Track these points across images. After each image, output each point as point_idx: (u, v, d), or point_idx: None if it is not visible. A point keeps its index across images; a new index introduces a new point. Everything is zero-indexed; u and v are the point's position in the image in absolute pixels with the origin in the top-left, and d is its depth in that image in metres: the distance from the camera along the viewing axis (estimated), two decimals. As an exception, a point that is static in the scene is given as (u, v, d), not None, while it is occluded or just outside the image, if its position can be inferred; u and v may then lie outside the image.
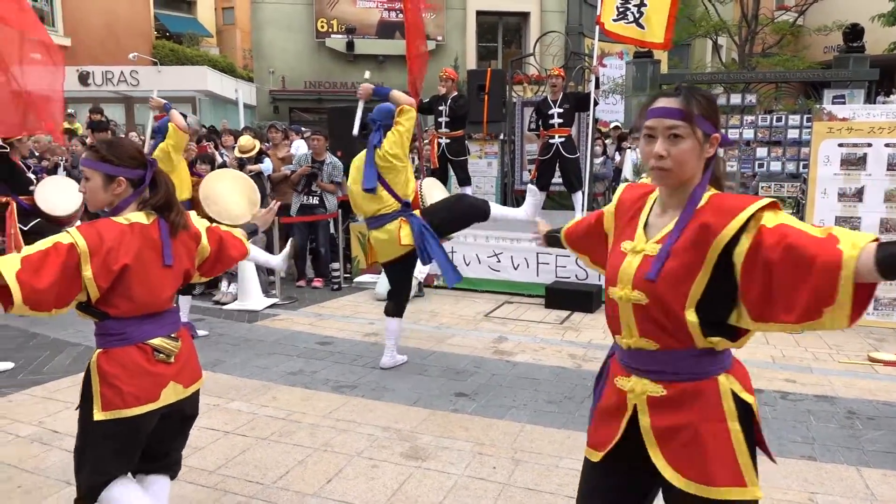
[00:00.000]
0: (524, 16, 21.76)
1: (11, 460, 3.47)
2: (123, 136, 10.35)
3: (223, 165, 7.99)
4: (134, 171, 2.23)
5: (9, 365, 4.90)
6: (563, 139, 7.85)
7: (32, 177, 6.37)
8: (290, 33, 21.24)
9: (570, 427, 3.86)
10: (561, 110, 7.83)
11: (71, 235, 2.06)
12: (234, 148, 8.57)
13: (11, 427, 3.89)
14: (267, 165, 8.16)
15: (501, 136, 10.52)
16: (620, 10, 7.82)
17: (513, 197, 10.66)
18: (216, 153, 8.93)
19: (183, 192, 5.57)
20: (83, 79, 18.84)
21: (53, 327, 5.99)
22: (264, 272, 7.53)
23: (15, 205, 6.00)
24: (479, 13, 21.40)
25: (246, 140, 8.30)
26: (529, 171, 9.85)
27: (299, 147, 8.95)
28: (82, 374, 2.32)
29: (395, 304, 4.95)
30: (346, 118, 8.16)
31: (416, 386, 4.58)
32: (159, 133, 5.51)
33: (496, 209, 5.02)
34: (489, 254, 7.38)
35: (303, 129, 8.98)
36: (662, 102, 1.64)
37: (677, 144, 1.61)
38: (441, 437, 3.74)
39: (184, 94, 20.11)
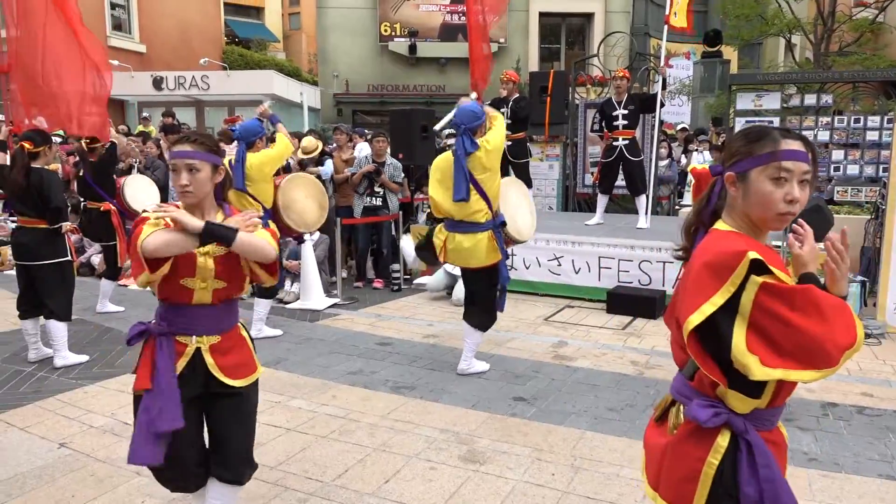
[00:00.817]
0: (588, 17, 21.48)
1: (85, 449, 3.62)
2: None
3: (288, 168, 8.15)
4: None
5: (84, 358, 5.12)
6: (627, 141, 7.72)
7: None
8: (354, 37, 21.55)
9: (632, 436, 3.77)
10: (626, 112, 7.69)
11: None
12: (296, 150, 8.73)
13: (86, 417, 4.05)
14: (328, 168, 8.29)
15: (564, 139, 10.40)
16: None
17: (574, 200, 10.53)
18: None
19: (268, 201, 5.61)
20: (157, 83, 19.54)
21: (126, 323, 6.22)
22: (326, 272, 7.65)
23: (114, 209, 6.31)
24: (541, 14, 21.24)
25: (308, 141, 8.45)
26: (592, 173, 9.72)
27: (362, 149, 9.06)
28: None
29: (479, 319, 4.81)
30: (408, 121, 8.24)
31: (475, 389, 4.56)
32: (242, 140, 5.59)
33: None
34: (550, 257, 7.29)
35: (366, 131, 9.06)
36: (795, 145, 1.57)
37: (804, 190, 1.56)
38: (499, 442, 3.71)
39: (251, 97, 20.63)
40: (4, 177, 4.93)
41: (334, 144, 9.64)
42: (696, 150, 11.09)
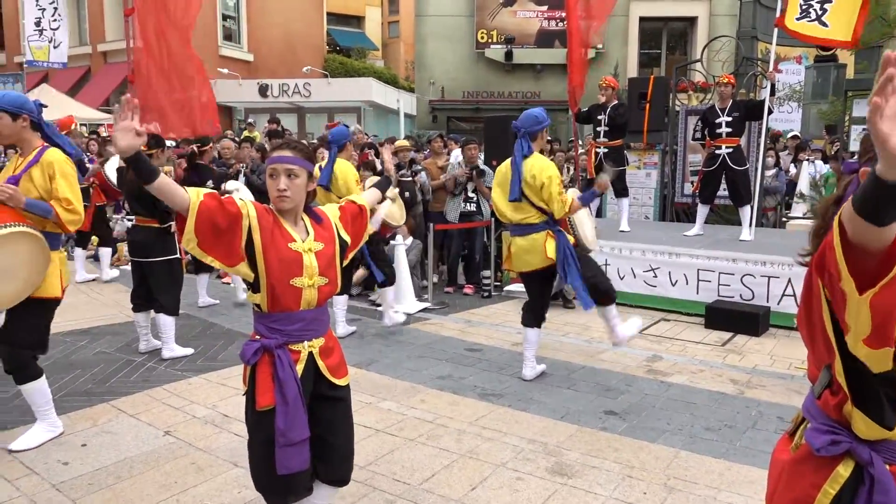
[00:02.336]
0: (691, 21, 20.81)
1: (188, 438, 3.80)
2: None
3: (381, 172, 8.29)
4: None
5: (189, 351, 5.38)
6: (730, 149, 7.40)
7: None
8: (451, 44, 21.76)
9: (731, 458, 3.60)
10: (730, 119, 7.39)
11: None
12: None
13: (189, 408, 4.26)
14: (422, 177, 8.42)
15: (662, 146, 10.11)
16: (804, 7, 7.24)
17: (672, 210, 10.20)
18: (376, 161, 9.30)
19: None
20: (262, 91, 20.42)
21: (228, 319, 6.52)
22: (417, 276, 7.74)
23: None
24: (642, 19, 20.76)
25: (401, 142, 8.60)
26: (692, 182, 9.38)
27: (457, 156, 9.12)
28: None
29: (535, 315, 4.87)
30: (502, 127, 8.23)
31: (564, 400, 4.48)
32: (334, 143, 5.78)
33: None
34: (645, 268, 7.08)
35: (460, 138, 9.13)
36: None
37: None
38: (588, 456, 3.62)
39: (350, 104, 21.24)
40: (122, 178, 5.29)
41: (428, 151, 9.77)
42: (808, 159, 10.52)
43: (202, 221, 2.23)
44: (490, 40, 21.51)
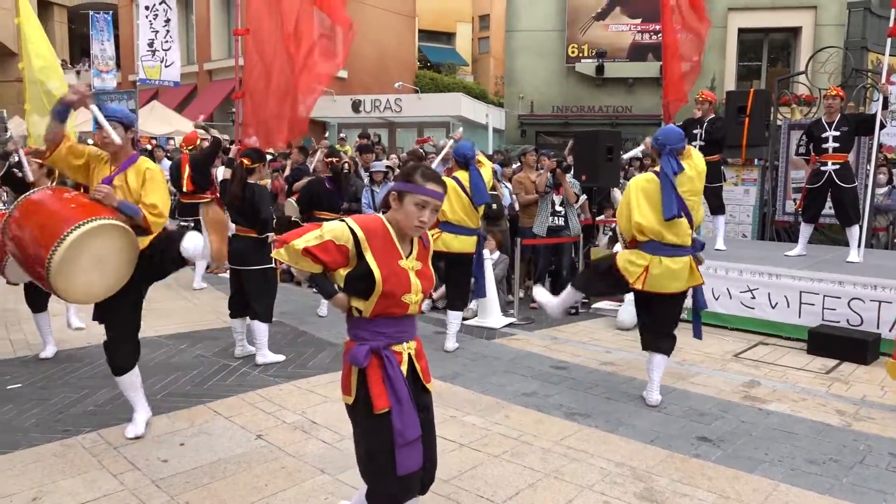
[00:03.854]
0: (794, 31, 19.92)
1: (278, 442, 3.91)
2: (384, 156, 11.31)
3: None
4: None
5: (280, 357, 5.55)
6: (837, 166, 7.00)
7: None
8: (541, 59, 21.68)
9: (836, 495, 3.37)
10: (837, 133, 6.99)
11: None
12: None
13: (280, 413, 4.38)
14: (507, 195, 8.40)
15: (763, 162, 9.68)
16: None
17: (772, 228, 9.74)
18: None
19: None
20: (355, 106, 20.97)
21: (318, 328, 6.69)
22: (504, 291, 7.70)
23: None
24: (741, 31, 20.03)
25: (482, 157, 8.62)
26: (795, 200, 8.94)
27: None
28: (340, 373, 2.54)
29: (666, 339, 4.70)
30: (592, 143, 8.11)
31: (655, 424, 4.33)
32: (459, 158, 5.96)
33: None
34: (743, 289, 6.78)
35: (550, 152, 9.04)
36: None
37: None
38: (680, 483, 3.48)
39: (440, 119, 21.48)
40: (225, 190, 5.56)
41: (517, 164, 9.73)
42: (924, 177, 9.83)
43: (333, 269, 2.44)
44: (581, 54, 21.30)
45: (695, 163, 4.59)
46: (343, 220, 2.42)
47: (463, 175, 5.89)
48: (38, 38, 6.74)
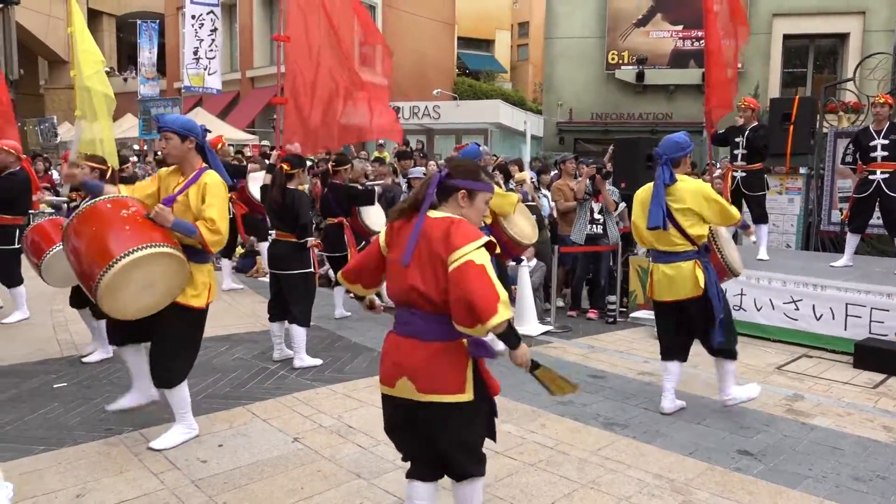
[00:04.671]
0: (841, 37, 19.46)
1: (315, 446, 3.94)
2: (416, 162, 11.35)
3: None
4: None
5: (318, 361, 5.60)
6: (886, 175, 6.81)
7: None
8: (580, 66, 21.57)
9: (884, 513, 3.27)
10: (886, 142, 6.81)
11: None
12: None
13: (317, 417, 4.42)
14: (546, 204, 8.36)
15: (808, 171, 9.47)
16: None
17: (816, 238, 9.51)
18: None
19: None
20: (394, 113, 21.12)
21: (355, 332, 6.73)
22: (541, 299, 7.66)
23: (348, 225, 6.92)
24: (786, 37, 19.64)
25: (521, 175, 8.61)
26: (841, 210, 8.72)
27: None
28: (377, 378, 2.56)
29: (671, 348, 4.66)
30: (631, 150, 8.03)
31: (694, 435, 4.26)
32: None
33: None
34: (786, 300, 6.63)
35: (590, 160, 8.98)
36: None
37: None
38: (719, 497, 3.41)
39: (478, 126, 21.53)
40: (265, 195, 5.65)
41: (554, 172, 9.70)
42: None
43: None
44: (621, 61, 21.13)
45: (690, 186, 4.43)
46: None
47: None
48: (89, 45, 6.95)
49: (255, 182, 7.80)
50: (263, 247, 8.74)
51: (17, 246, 6.47)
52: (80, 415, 4.36)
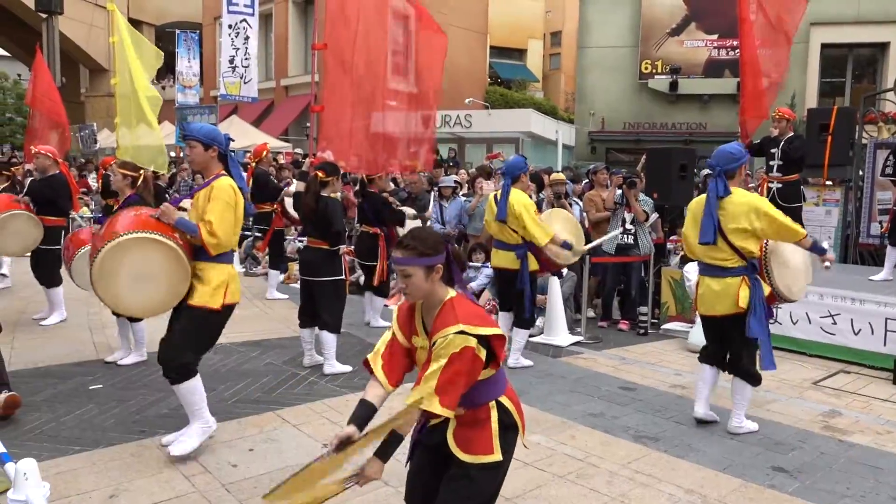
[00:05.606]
0: (881, 46, 19.10)
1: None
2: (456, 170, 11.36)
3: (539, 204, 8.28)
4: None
5: (347, 368, 5.63)
6: (929, 187, 6.65)
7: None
8: (613, 75, 21.46)
9: (926, 535, 3.17)
10: (929, 153, 6.65)
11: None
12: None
13: (345, 423, 4.42)
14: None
15: (846, 182, 9.27)
16: None
17: (855, 251, 9.30)
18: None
19: (533, 237, 5.78)
20: (425, 122, 21.21)
21: (384, 340, 6.73)
22: (571, 309, 7.60)
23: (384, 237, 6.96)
24: (824, 46, 19.32)
25: (556, 176, 8.58)
26: (881, 222, 8.51)
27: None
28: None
29: (712, 357, 4.60)
30: (664, 160, 7.95)
31: (727, 451, 4.18)
32: (508, 174, 5.87)
33: None
34: (823, 314, 6.49)
35: (622, 170, 8.92)
36: None
37: None
38: (753, 514, 3.34)
39: (509, 135, 21.52)
40: (298, 202, 5.70)
41: (586, 182, 9.65)
42: None
43: None
44: (654, 70, 21.00)
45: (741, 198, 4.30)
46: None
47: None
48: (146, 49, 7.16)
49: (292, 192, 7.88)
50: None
51: (59, 246, 6.64)
52: (114, 416, 4.44)
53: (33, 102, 10.90)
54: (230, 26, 18.15)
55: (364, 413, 2.36)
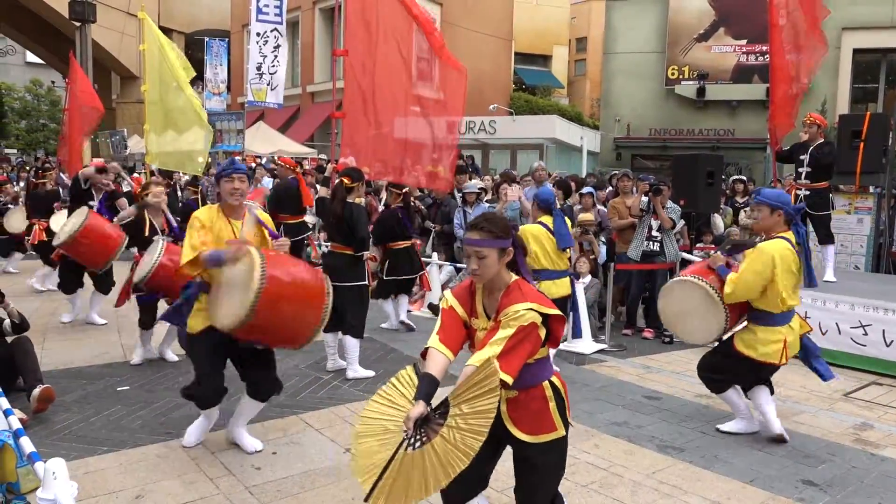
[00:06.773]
0: (917, 52, 18.75)
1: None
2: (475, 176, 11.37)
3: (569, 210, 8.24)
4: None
5: (370, 373, 5.64)
6: (965, 195, 6.49)
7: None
8: (639, 81, 21.32)
9: (961, 553, 3.08)
10: (965, 161, 6.50)
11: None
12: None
13: (368, 428, 4.44)
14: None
15: (879, 190, 9.10)
16: None
17: (887, 260, 9.11)
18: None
19: None
20: (450, 128, 21.25)
21: (408, 345, 6.75)
22: (595, 316, 7.54)
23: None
24: (856, 51, 19.00)
25: (585, 216, 8.56)
26: (914, 231, 8.34)
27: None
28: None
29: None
30: (691, 166, 7.86)
31: (754, 462, 4.11)
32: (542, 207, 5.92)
33: None
34: (854, 324, 6.36)
35: (651, 177, 8.84)
36: None
37: None
38: (781, 528, 3.28)
39: (533, 141, 21.46)
40: (322, 207, 5.73)
41: (610, 189, 9.58)
42: None
43: None
44: (681, 76, 20.83)
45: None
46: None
47: (547, 220, 5.80)
48: (169, 60, 7.29)
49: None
50: None
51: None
52: (141, 417, 4.50)
53: (72, 99, 11.07)
54: (258, 34, 18.35)
55: (429, 389, 2.40)
